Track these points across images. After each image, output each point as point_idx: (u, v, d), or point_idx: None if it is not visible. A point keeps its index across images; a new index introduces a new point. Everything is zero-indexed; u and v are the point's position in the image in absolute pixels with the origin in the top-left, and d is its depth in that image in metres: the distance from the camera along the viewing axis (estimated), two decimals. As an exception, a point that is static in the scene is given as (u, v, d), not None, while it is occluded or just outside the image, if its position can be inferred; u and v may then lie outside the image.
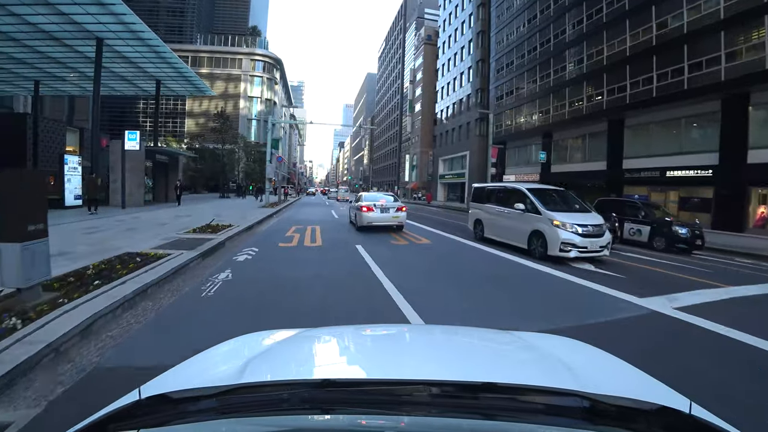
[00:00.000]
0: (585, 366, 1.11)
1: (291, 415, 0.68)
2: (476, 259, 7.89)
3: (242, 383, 0.81)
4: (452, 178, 46.10)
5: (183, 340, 3.35)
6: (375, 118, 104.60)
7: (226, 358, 1.18)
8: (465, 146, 42.45)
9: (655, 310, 4.64)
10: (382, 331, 1.70)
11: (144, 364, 2.82)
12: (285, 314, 4.14)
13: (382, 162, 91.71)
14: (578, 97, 25.55)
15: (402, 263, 7.05)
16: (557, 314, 4.47)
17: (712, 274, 7.40)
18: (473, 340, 1.44)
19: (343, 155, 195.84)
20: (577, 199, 9.08)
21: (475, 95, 40.70)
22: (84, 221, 11.22)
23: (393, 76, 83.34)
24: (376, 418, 0.68)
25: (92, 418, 0.73)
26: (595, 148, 25.57)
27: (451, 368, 1.04)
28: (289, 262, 6.83)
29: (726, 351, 3.52)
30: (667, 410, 0.69)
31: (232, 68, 61.38)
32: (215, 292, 4.86)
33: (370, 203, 11.75)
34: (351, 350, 1.31)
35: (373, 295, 4.94)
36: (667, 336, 3.90)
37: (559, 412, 0.67)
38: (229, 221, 12.10)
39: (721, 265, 8.69)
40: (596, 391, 0.72)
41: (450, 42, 48.60)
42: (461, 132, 44.11)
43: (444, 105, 50.02)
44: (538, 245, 8.02)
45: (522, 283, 6.07)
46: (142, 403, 0.73)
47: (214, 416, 0.67)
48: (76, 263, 5.50)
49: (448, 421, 0.67)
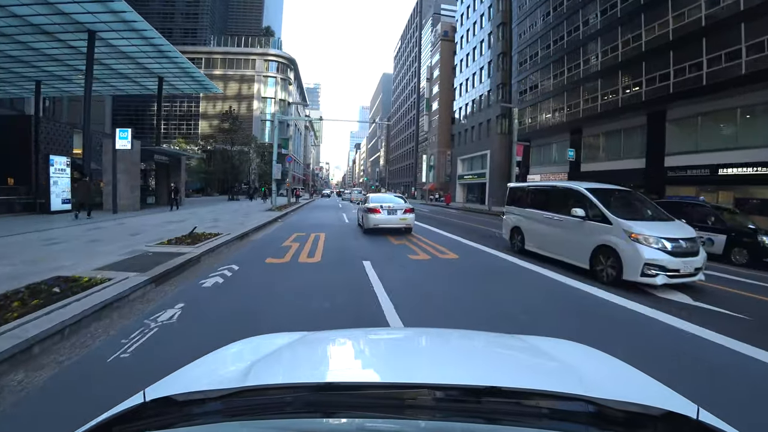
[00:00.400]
0: (591, 370, 1.08)
1: (295, 418, 0.68)
2: (524, 284, 5.96)
3: (246, 386, 0.79)
4: (471, 178, 43.97)
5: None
6: (391, 118, 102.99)
7: (231, 361, 1.19)
8: (485, 145, 40.29)
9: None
10: (386, 334, 1.69)
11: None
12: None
13: (398, 163, 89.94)
14: (612, 88, 23.21)
15: (424, 294, 5.21)
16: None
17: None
18: (478, 343, 1.42)
19: (359, 157, 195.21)
20: (651, 203, 7.00)
21: (495, 91, 38.52)
22: (54, 230, 9.82)
23: (409, 75, 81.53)
24: (380, 422, 0.68)
25: (97, 420, 0.72)
26: (631, 145, 23.19)
27: (456, 372, 1.03)
28: (268, 292, 5.10)
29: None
30: (674, 416, 0.68)
31: (246, 69, 60.70)
32: (131, 355, 3.11)
33: (376, 205, 11.21)
34: (355, 354, 1.30)
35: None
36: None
37: (564, 416, 0.67)
38: (222, 228, 10.59)
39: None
40: (603, 396, 0.71)
41: (468, 36, 46.49)
42: (481, 130, 41.95)
43: (462, 102, 47.92)
44: (607, 266, 6.02)
45: (607, 330, 4.04)
46: (147, 405, 0.73)
47: (219, 419, 0.67)
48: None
49: (452, 425, 0.67)
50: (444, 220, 18.83)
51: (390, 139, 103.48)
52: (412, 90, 77.45)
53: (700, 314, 4.62)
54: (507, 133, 37.16)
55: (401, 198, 12.31)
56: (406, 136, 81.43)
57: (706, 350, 3.48)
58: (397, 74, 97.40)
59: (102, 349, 3.21)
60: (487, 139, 40.08)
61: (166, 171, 21.04)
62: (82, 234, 9.13)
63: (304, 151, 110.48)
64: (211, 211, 17.66)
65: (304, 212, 20.92)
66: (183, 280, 5.62)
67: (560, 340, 1.44)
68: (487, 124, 40.42)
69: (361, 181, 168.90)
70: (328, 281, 5.72)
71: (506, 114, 37.30)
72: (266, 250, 8.20)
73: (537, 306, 4.79)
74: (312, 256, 7.62)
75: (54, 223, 11.16)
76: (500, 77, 37.86)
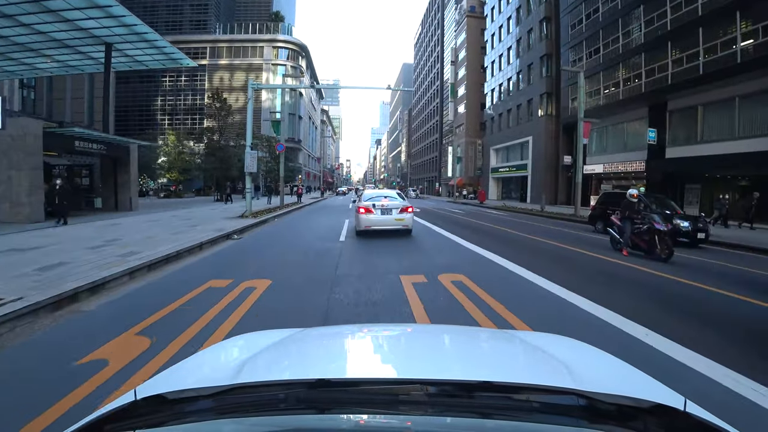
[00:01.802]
0: (581, 364, 1.08)
1: (288, 415, 0.67)
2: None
3: (239, 383, 0.78)
4: (508, 171, 37.37)
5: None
6: (412, 110, 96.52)
7: (223, 358, 1.18)
8: (525, 131, 33.64)
9: None
10: (379, 330, 1.65)
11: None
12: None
13: (420, 157, 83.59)
14: (722, 38, 16.41)
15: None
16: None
17: None
18: (471, 339, 1.42)
19: (380, 153, 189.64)
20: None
21: (540, 63, 31.75)
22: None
23: (431, 61, 74.86)
24: (373, 417, 0.68)
25: (87, 419, 0.71)
26: (752, 118, 16.34)
27: (448, 367, 1.03)
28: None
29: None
30: (662, 408, 0.69)
31: (253, 58, 55.91)
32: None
33: (369, 203, 9.62)
34: (348, 350, 1.28)
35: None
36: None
37: (555, 410, 0.67)
38: (94, 261, 5.08)
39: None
40: (593, 389, 0.72)
41: (500, 5, 39.70)
42: (519, 113, 35.29)
43: (494, 83, 41.19)
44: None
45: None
46: (138, 403, 0.71)
47: (211, 416, 0.66)
48: None
49: (445, 420, 0.67)
50: (490, 230, 12.70)
51: (411, 132, 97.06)
52: (435, 77, 70.79)
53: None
54: (555, 114, 30.45)
55: (398, 194, 10.72)
56: (428, 127, 74.93)
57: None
58: (418, 62, 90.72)
59: None
60: (528, 123, 33.42)
61: (113, 165, 15.81)
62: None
63: (323, 147, 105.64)
64: (154, 222, 12.20)
65: (292, 220, 15.15)
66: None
67: (551, 335, 1.45)
68: (527, 105, 33.71)
69: (381, 177, 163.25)
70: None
71: (552, 92, 30.59)
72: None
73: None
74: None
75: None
76: (544, 47, 31.09)
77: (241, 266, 6.50)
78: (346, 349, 1.28)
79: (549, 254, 8.23)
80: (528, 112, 33.62)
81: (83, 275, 5.04)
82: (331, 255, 7.51)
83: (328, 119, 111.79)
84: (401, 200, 10.18)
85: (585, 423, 0.63)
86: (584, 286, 5.27)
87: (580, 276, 6.07)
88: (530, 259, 7.25)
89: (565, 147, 29.14)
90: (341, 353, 1.25)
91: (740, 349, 3.34)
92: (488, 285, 5.16)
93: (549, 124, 30.58)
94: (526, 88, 33.99)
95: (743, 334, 3.75)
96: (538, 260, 7.27)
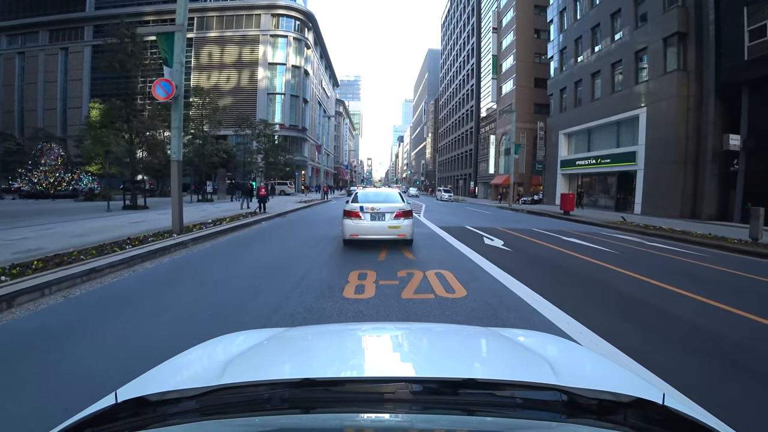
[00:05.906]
0: (563, 360, 1.10)
1: (273, 415, 0.67)
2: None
3: (222, 384, 0.76)
4: (595, 164, 25.44)
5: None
6: (439, 99, 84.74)
7: (207, 359, 1.16)
8: (631, 101, 21.77)
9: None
10: (363, 329, 1.63)
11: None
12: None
13: (449, 152, 71.78)
14: None
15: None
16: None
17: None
18: (455, 337, 1.41)
19: (402, 150, 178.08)
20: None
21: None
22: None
23: (464, 37, 62.89)
24: (358, 416, 0.68)
25: (65, 424, 0.69)
26: None
27: (432, 365, 1.04)
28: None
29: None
30: (641, 401, 0.70)
31: (248, 28, 45.70)
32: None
33: (354, 207, 7.83)
34: (332, 349, 1.24)
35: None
36: None
37: (538, 406, 0.68)
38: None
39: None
40: (575, 385, 0.72)
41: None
42: (616, 76, 23.41)
43: (566, 40, 29.27)
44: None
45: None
46: (119, 406, 0.69)
47: (195, 418, 0.65)
48: None
49: (430, 417, 0.67)
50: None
51: (438, 123, 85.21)
52: (469, 55, 58.83)
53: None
54: (691, 70, 18.52)
55: (398, 194, 8.87)
56: (461, 116, 63.01)
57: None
58: (446, 43, 78.71)
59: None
60: (636, 89, 21.53)
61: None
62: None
63: (340, 142, 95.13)
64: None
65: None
66: None
67: (534, 332, 1.48)
68: (634, 61, 21.77)
69: (404, 176, 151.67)
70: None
71: (688, 31, 18.66)
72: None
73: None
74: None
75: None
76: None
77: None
78: (330, 348, 1.24)
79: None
80: (635, 71, 21.69)
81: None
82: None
83: (345, 112, 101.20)
84: (401, 202, 8.37)
85: (567, 418, 0.64)
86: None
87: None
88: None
89: (720, 123, 17.27)
90: (326, 352, 1.20)
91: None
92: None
93: (683, 86, 18.66)
94: (629, 35, 22.08)
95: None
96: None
